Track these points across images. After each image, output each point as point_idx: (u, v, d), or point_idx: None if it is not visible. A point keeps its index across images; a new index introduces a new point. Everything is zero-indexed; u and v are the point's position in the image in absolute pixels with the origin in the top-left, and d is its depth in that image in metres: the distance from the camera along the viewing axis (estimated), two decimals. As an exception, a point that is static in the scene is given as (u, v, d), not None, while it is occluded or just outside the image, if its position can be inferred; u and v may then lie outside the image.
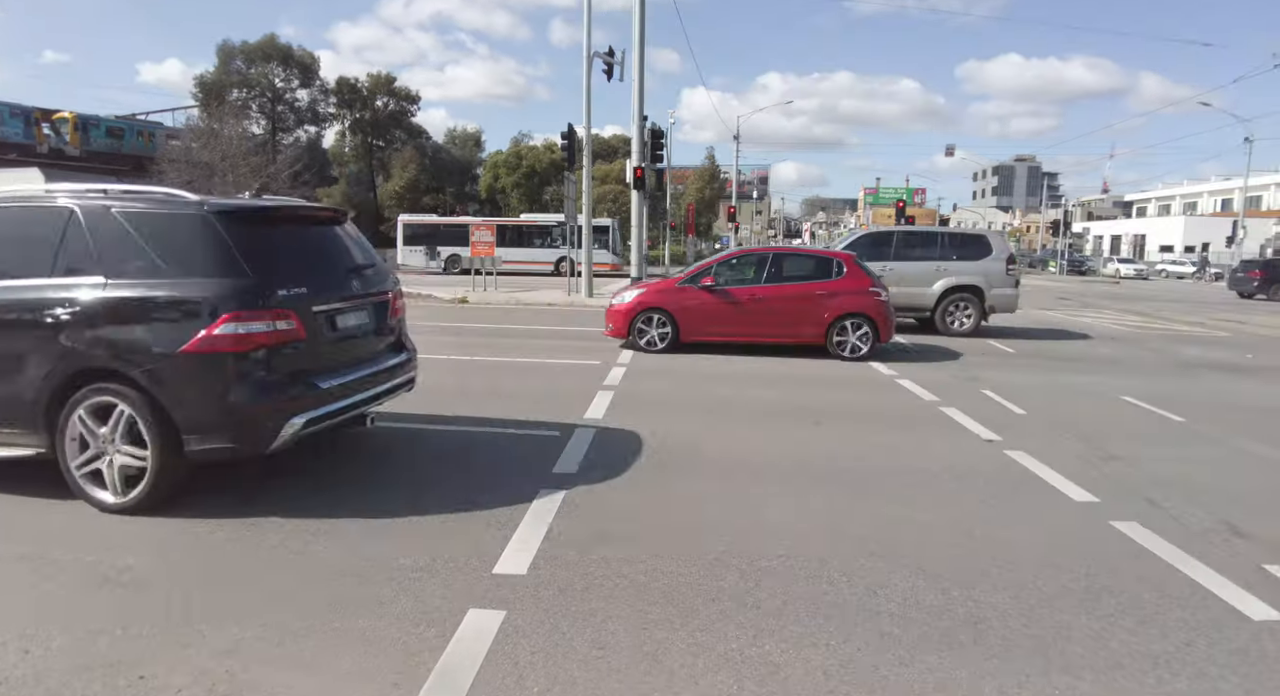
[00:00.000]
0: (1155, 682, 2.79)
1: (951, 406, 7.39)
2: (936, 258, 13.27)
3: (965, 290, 13.12)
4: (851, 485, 4.98)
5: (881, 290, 10.23)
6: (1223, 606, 3.39)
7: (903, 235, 14.10)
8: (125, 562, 3.54)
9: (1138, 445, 6.16)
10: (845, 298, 10.09)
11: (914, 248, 13.49)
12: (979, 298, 13.10)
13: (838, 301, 10.09)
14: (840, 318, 10.08)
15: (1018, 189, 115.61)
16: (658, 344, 10.32)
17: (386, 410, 6.64)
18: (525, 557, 3.70)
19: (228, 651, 2.83)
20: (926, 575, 3.63)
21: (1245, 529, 4.34)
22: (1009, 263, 13.31)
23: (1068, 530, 4.28)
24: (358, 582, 3.40)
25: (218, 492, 4.47)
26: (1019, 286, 13.67)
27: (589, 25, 18.24)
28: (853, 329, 10.07)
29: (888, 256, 13.25)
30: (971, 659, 2.91)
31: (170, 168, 39.26)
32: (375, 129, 59.69)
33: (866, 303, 10.08)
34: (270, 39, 53.53)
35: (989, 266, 13.16)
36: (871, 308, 10.07)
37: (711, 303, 10.28)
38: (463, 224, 34.62)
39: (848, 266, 10.34)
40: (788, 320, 10.22)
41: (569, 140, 19.70)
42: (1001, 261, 13.22)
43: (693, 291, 10.38)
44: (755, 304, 10.21)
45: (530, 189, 57.53)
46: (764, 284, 10.37)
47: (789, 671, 2.80)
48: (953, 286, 13.12)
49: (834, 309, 10.09)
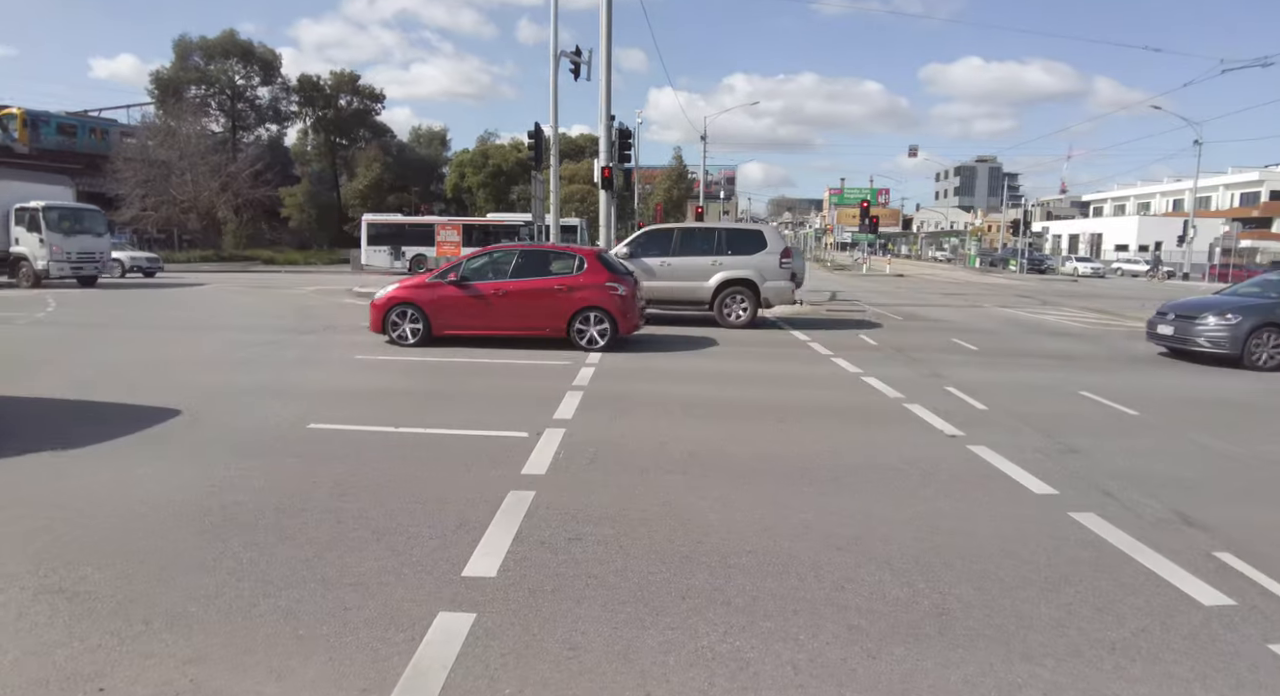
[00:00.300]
0: (1112, 668, 2.87)
1: (916, 403, 7.51)
2: (714, 253, 13.69)
3: (740, 284, 13.57)
4: (818, 481, 5.04)
5: (620, 285, 10.55)
6: (1175, 593, 3.50)
7: (682, 231, 14.52)
8: (79, 573, 3.45)
9: (1095, 438, 6.33)
10: (585, 292, 10.45)
11: (693, 244, 13.92)
12: (754, 291, 13.54)
13: (578, 296, 10.46)
14: (580, 311, 10.42)
15: (979, 189, 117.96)
16: (409, 338, 10.51)
17: (352, 414, 6.57)
18: (495, 559, 3.68)
19: (192, 659, 2.77)
20: (892, 568, 3.69)
21: (1196, 518, 4.49)
22: (783, 257, 13.70)
23: (1029, 522, 4.38)
24: (322, 588, 3.35)
25: (179, 490, 4.38)
26: (795, 279, 14.11)
27: (555, 24, 18.19)
28: (593, 322, 10.44)
29: (668, 252, 13.73)
30: (937, 649, 2.96)
31: (126, 166, 38.28)
32: (338, 127, 58.84)
33: (604, 297, 10.44)
34: (230, 35, 52.47)
35: (763, 261, 13.60)
36: (609, 302, 10.44)
37: (461, 298, 10.55)
38: (428, 223, 34.29)
39: (589, 262, 10.70)
40: (531, 314, 10.56)
41: (536, 139, 19.60)
42: (775, 256, 13.65)
43: (443, 287, 10.61)
44: (501, 299, 10.51)
45: (497, 188, 57.20)
46: (510, 279, 10.67)
47: (759, 666, 2.83)
48: (728, 280, 13.55)
49: (574, 303, 10.45)
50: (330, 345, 10.88)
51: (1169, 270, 48.93)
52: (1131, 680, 2.80)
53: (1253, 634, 3.15)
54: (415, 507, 4.35)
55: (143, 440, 5.63)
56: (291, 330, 12.47)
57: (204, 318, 15.04)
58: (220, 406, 6.72)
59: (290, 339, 11.43)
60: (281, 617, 3.09)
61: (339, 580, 3.43)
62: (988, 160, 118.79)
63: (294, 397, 7.13)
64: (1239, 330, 10.50)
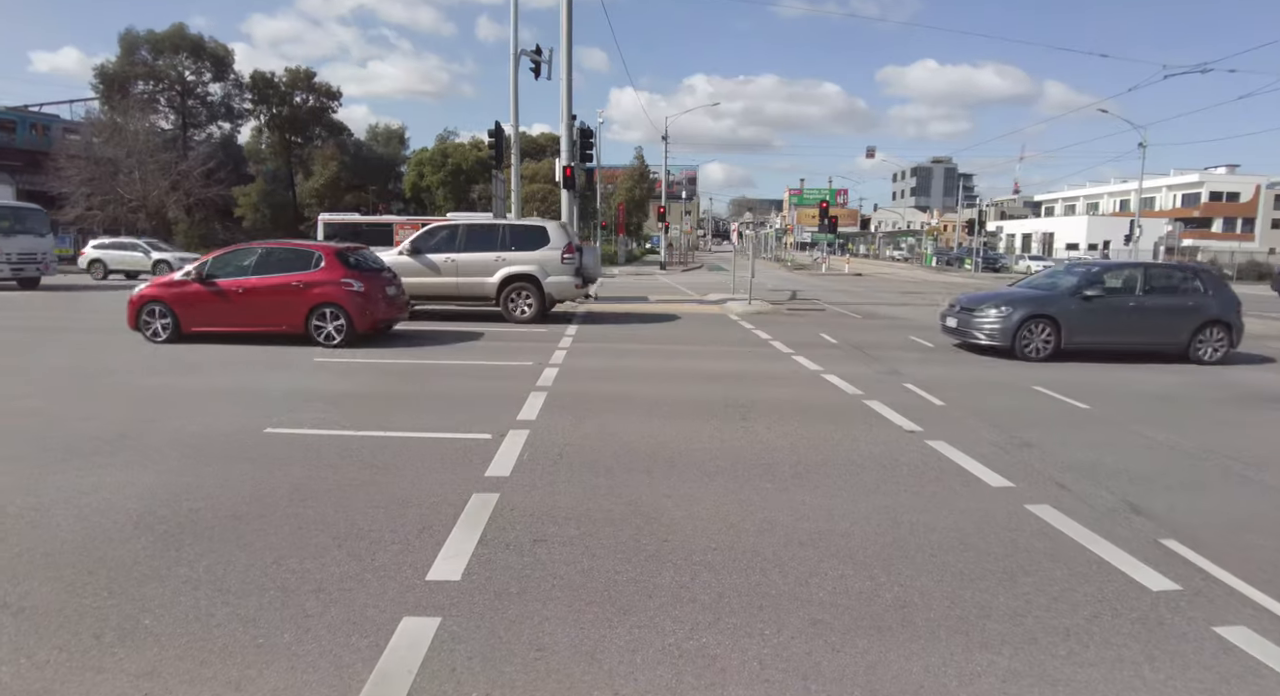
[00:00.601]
0: (1067, 654, 2.96)
1: (875, 400, 7.64)
2: (498, 248, 13.82)
3: (523, 279, 13.79)
4: (781, 478, 5.09)
5: (356, 282, 10.70)
6: (1125, 580, 3.63)
7: (467, 228, 14.66)
8: (24, 588, 3.32)
9: (1048, 432, 6.51)
10: (321, 289, 10.54)
11: (478, 240, 14.06)
12: (537, 286, 13.76)
13: (315, 292, 10.55)
14: (317, 307, 10.53)
15: (935, 189, 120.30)
16: (161, 335, 10.62)
17: (311, 418, 6.44)
18: (459, 563, 3.64)
19: (145, 673, 2.69)
20: (855, 562, 3.75)
21: (1144, 507, 4.65)
22: (565, 252, 13.89)
23: (986, 514, 4.49)
24: (281, 595, 3.28)
25: (131, 498, 4.25)
26: (583, 275, 14.39)
27: (515, 23, 18.08)
28: (330, 318, 10.55)
29: (454, 248, 13.89)
30: (900, 641, 3.02)
31: (69, 164, 36.94)
32: (294, 125, 57.51)
33: (340, 293, 10.55)
34: (179, 29, 50.85)
35: (546, 256, 13.76)
36: (344, 298, 10.54)
37: (205, 295, 10.66)
38: (386, 223, 33.65)
39: (327, 259, 10.80)
40: (270, 310, 10.62)
41: (496, 138, 19.45)
42: (558, 251, 13.83)
43: (189, 285, 10.71)
44: (241, 296, 10.61)
45: (456, 187, 56.53)
46: (250, 276, 10.71)
47: (726, 662, 2.85)
48: (511, 275, 13.74)
49: (311, 299, 10.54)
50: (291, 345, 10.65)
51: (1116, 268, 50.44)
52: (1085, 664, 2.89)
53: (1198, 617, 3.28)
54: (377, 512, 4.29)
55: (92, 447, 5.44)
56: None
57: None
58: (172, 411, 6.53)
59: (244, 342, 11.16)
60: (240, 626, 3.02)
61: (299, 587, 3.36)
62: (943, 161, 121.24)
63: (251, 401, 6.97)
64: (1009, 322, 10.83)
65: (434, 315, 15.38)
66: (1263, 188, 65.46)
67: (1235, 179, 68.00)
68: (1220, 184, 67.86)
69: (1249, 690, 2.76)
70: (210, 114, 55.28)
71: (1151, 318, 11.04)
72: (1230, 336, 11.06)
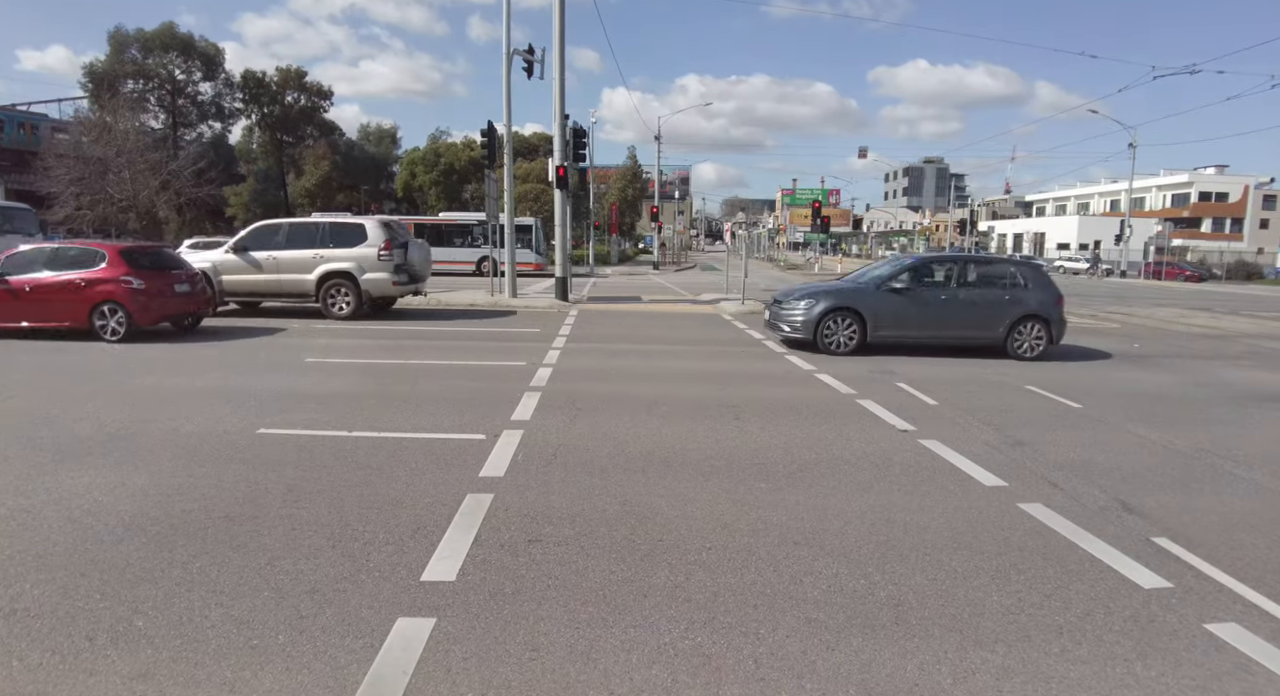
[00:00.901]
0: (1060, 651, 2.98)
1: (868, 399, 7.66)
2: (317, 246, 14.01)
3: (340, 276, 13.93)
4: (775, 477, 5.10)
5: (136, 280, 10.88)
6: (1117, 577, 3.65)
7: (290, 226, 14.90)
8: (15, 590, 3.30)
9: (1040, 431, 6.54)
10: (102, 286, 10.81)
11: (299, 238, 14.28)
12: (354, 283, 13.94)
13: (96, 290, 10.81)
14: (98, 304, 10.82)
15: (927, 189, 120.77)
16: None
17: (304, 418, 6.42)
18: (454, 563, 3.64)
19: (139, 675, 2.67)
20: (849, 561, 3.76)
21: (1135, 505, 4.68)
22: (383, 249, 14.02)
23: (979, 513, 4.51)
24: (276, 597, 3.27)
25: (124, 499, 4.23)
26: (406, 272, 14.52)
27: (508, 22, 18.02)
28: (110, 314, 10.82)
29: (277, 246, 14.11)
30: (894, 639, 3.03)
31: (58, 163, 36.67)
32: (285, 125, 57.27)
33: (119, 291, 10.81)
34: (169, 27, 50.58)
35: (363, 253, 13.91)
36: (122, 295, 10.80)
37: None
38: (380, 223, 33.57)
39: (110, 258, 11.01)
40: (55, 307, 10.85)
41: (490, 138, 19.39)
42: (375, 249, 13.96)
43: None
44: (29, 294, 10.86)
45: (449, 187, 56.37)
46: (37, 274, 10.96)
47: (721, 661, 2.85)
48: (328, 273, 13.90)
49: (92, 297, 10.81)
50: (280, 347, 10.61)
51: (1107, 267, 50.79)
52: (1077, 661, 2.91)
53: (1189, 614, 3.30)
54: (371, 513, 4.28)
55: (84, 448, 5.40)
56: (242, 332, 12.11)
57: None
58: (165, 412, 6.50)
59: (240, 342, 11.11)
60: (234, 628, 3.01)
61: (293, 588, 3.35)
62: (935, 161, 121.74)
63: (242, 402, 6.94)
64: (810, 315, 10.87)
65: (431, 315, 15.36)
66: (1251, 188, 65.94)
67: (1224, 179, 68.46)
68: (1209, 184, 68.32)
69: (1240, 686, 2.79)
70: (201, 113, 55.03)
71: (965, 311, 10.94)
72: (1050, 331, 10.94)
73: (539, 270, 30.20)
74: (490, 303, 17.67)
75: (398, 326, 13.36)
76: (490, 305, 17.36)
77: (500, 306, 17.21)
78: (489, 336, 12.30)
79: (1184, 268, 47.46)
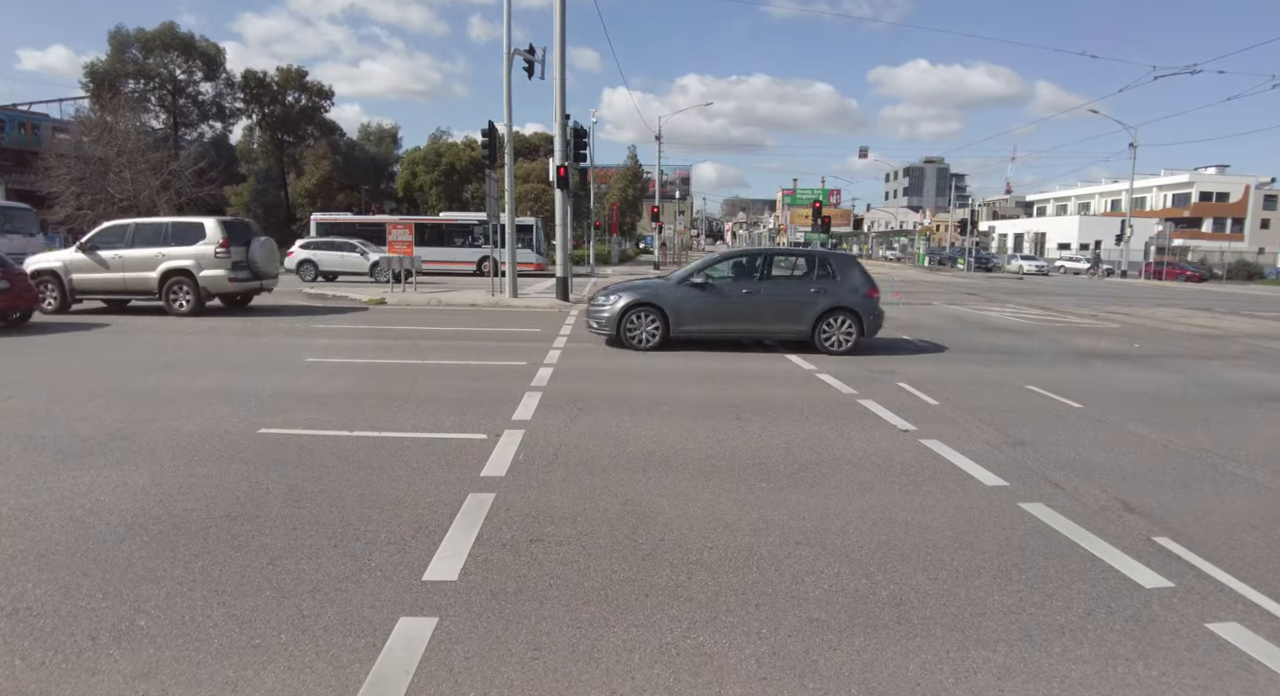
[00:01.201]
0: (1061, 651, 2.98)
1: (869, 399, 7.67)
2: (160, 244, 14.44)
3: (179, 273, 14.37)
4: (776, 477, 5.11)
5: None
6: (1118, 577, 3.65)
7: (137, 226, 15.20)
8: (17, 589, 3.31)
9: (1041, 431, 6.55)
10: None
11: (145, 236, 14.66)
12: (194, 280, 14.37)
13: None
14: None
15: (927, 189, 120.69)
16: None
17: (305, 418, 6.42)
18: (456, 563, 3.64)
19: (141, 674, 2.68)
20: (850, 561, 3.77)
21: (1136, 504, 4.68)
22: (220, 247, 14.38)
23: (980, 513, 4.51)
24: (278, 596, 3.27)
25: (125, 499, 4.23)
26: (248, 269, 14.87)
27: (509, 22, 18.02)
28: None
29: (124, 245, 14.51)
30: (896, 639, 3.03)
31: (59, 163, 36.69)
32: (285, 125, 57.24)
33: None
34: (169, 27, 50.54)
35: (201, 251, 14.32)
36: None
37: None
38: (379, 223, 33.60)
39: None
40: None
41: (490, 138, 19.39)
42: (212, 246, 14.34)
43: None
44: None
45: (450, 187, 56.33)
46: None
47: (723, 661, 2.86)
48: (169, 270, 14.35)
49: None
50: (279, 348, 10.61)
51: (1108, 267, 50.80)
52: (1079, 661, 2.91)
53: (1190, 614, 3.30)
54: (372, 512, 4.28)
55: (85, 447, 5.41)
56: (238, 333, 12.13)
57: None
58: (166, 411, 6.50)
59: (235, 341, 11.12)
60: (236, 627, 3.01)
61: (295, 588, 3.36)
62: (935, 161, 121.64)
63: (243, 402, 6.94)
64: (613, 310, 10.88)
65: (432, 315, 15.36)
66: (1252, 188, 65.92)
67: (1225, 179, 68.45)
68: (1210, 184, 68.31)
69: (1241, 686, 2.79)
70: (201, 113, 55.00)
71: (770, 306, 10.92)
72: (860, 324, 10.87)
73: (540, 270, 30.20)
74: (491, 302, 17.67)
75: (398, 327, 13.37)
76: (491, 305, 17.36)
77: (501, 306, 17.21)
78: (490, 336, 12.30)
79: (1185, 268, 47.46)
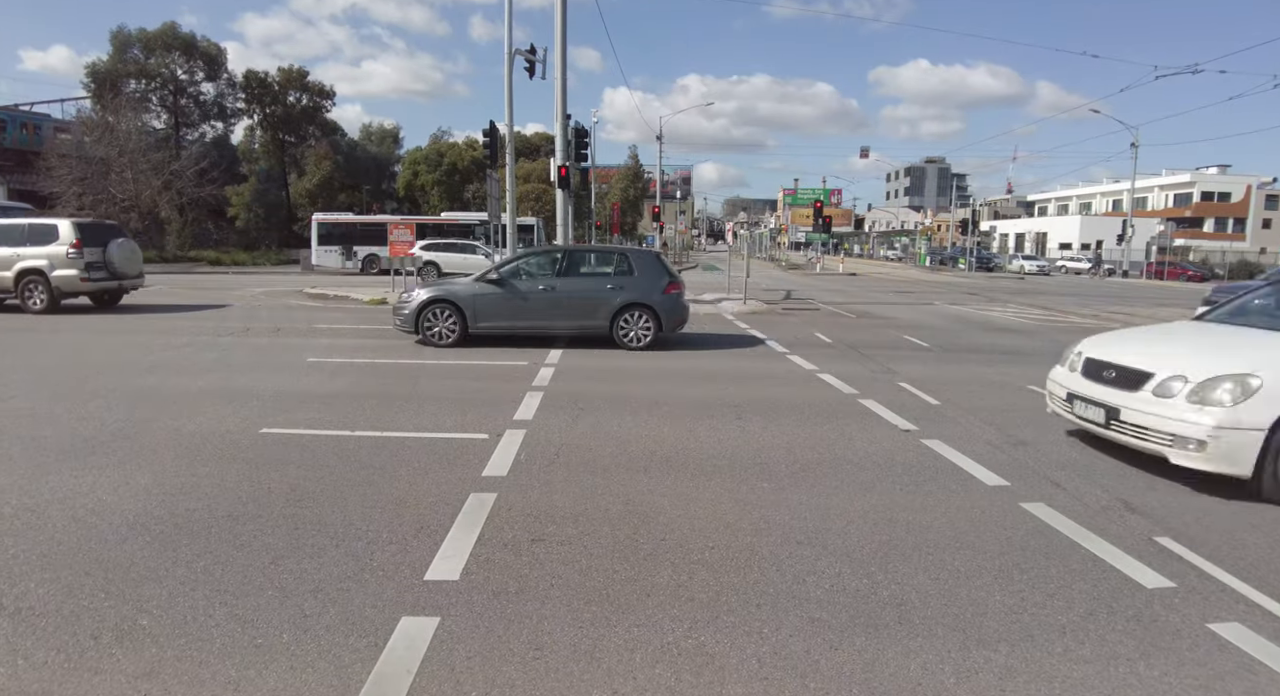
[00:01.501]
0: (1063, 651, 2.98)
1: (870, 399, 7.66)
2: (18, 245, 14.79)
3: (33, 273, 14.66)
4: (777, 477, 5.11)
5: None
6: (1120, 576, 3.65)
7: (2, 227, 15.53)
8: (20, 589, 3.31)
9: (1042, 431, 6.54)
10: None
11: (5, 236, 14.88)
12: (45, 279, 14.63)
13: None
14: None
15: (929, 189, 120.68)
16: None
17: (306, 418, 6.43)
18: (457, 563, 3.64)
19: (144, 674, 2.68)
20: (852, 560, 3.77)
21: (1137, 504, 4.68)
22: (71, 247, 14.60)
23: (981, 512, 4.51)
24: (280, 596, 3.28)
25: (127, 498, 4.24)
26: (105, 270, 15.08)
27: (510, 22, 18.03)
28: None
29: None
30: (897, 638, 3.04)
31: (60, 163, 36.76)
32: (287, 125, 57.25)
33: None
34: (170, 27, 50.57)
35: (54, 251, 14.65)
36: None
37: None
38: (380, 223, 33.63)
39: None
40: None
41: (491, 138, 19.40)
42: (64, 247, 14.63)
43: None
44: None
45: (451, 187, 56.40)
46: None
47: (724, 661, 2.86)
48: (24, 270, 14.67)
49: None
50: (280, 348, 10.62)
51: (1109, 267, 50.76)
52: (1080, 661, 2.91)
53: (1192, 614, 3.30)
54: (374, 512, 4.29)
55: (87, 447, 5.42)
56: (240, 332, 12.14)
57: (143, 322, 14.52)
58: (168, 411, 6.51)
59: (239, 341, 11.14)
60: (238, 627, 3.02)
61: (297, 587, 3.36)
62: (936, 161, 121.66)
63: (245, 402, 6.95)
64: (412, 307, 10.86)
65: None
66: (1254, 188, 65.86)
67: (1226, 179, 68.41)
68: (1212, 184, 68.28)
69: (1243, 686, 2.79)
70: (203, 113, 55.04)
71: (567, 302, 10.98)
72: (658, 320, 10.90)
73: (541, 270, 30.15)
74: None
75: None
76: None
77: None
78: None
79: (1186, 268, 47.39)
